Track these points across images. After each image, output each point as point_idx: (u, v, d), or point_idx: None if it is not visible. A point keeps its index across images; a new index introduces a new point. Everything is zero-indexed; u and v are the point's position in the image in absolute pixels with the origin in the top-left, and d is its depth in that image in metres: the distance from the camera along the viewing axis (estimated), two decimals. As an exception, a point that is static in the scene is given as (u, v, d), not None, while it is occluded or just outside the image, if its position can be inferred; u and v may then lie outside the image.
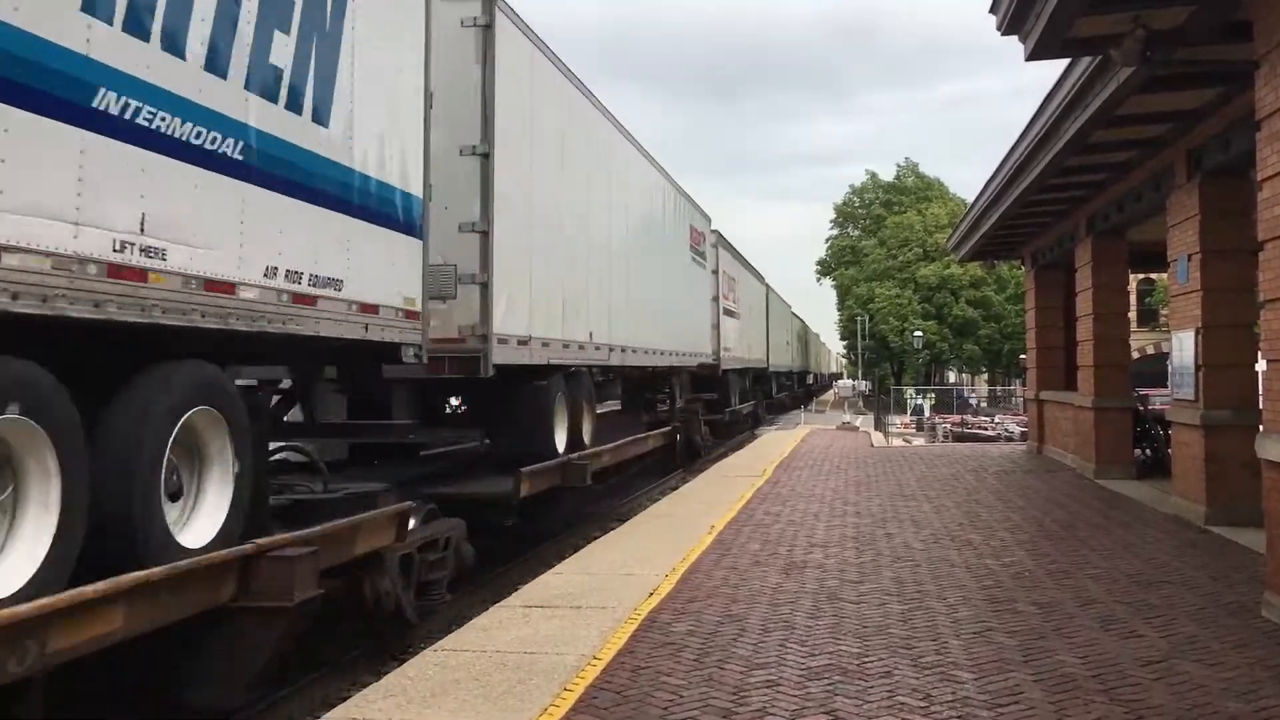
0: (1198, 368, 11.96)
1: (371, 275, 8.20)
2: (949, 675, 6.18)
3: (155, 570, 5.70)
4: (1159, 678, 6.09)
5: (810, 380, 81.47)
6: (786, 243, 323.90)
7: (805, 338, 71.80)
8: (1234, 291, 11.57)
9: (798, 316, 65.25)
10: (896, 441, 31.77)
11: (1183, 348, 12.46)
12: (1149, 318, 54.11)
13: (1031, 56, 8.84)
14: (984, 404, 59.78)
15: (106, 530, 5.57)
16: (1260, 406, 8.04)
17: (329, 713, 5.94)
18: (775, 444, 26.87)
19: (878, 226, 78.47)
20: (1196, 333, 11.96)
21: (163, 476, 5.98)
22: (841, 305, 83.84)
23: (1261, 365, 7.88)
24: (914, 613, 7.75)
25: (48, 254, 5.00)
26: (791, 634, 7.17)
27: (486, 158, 10.87)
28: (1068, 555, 10.05)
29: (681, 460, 23.33)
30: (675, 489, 18.46)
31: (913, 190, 79.62)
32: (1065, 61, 10.79)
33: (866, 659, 6.54)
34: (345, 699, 6.71)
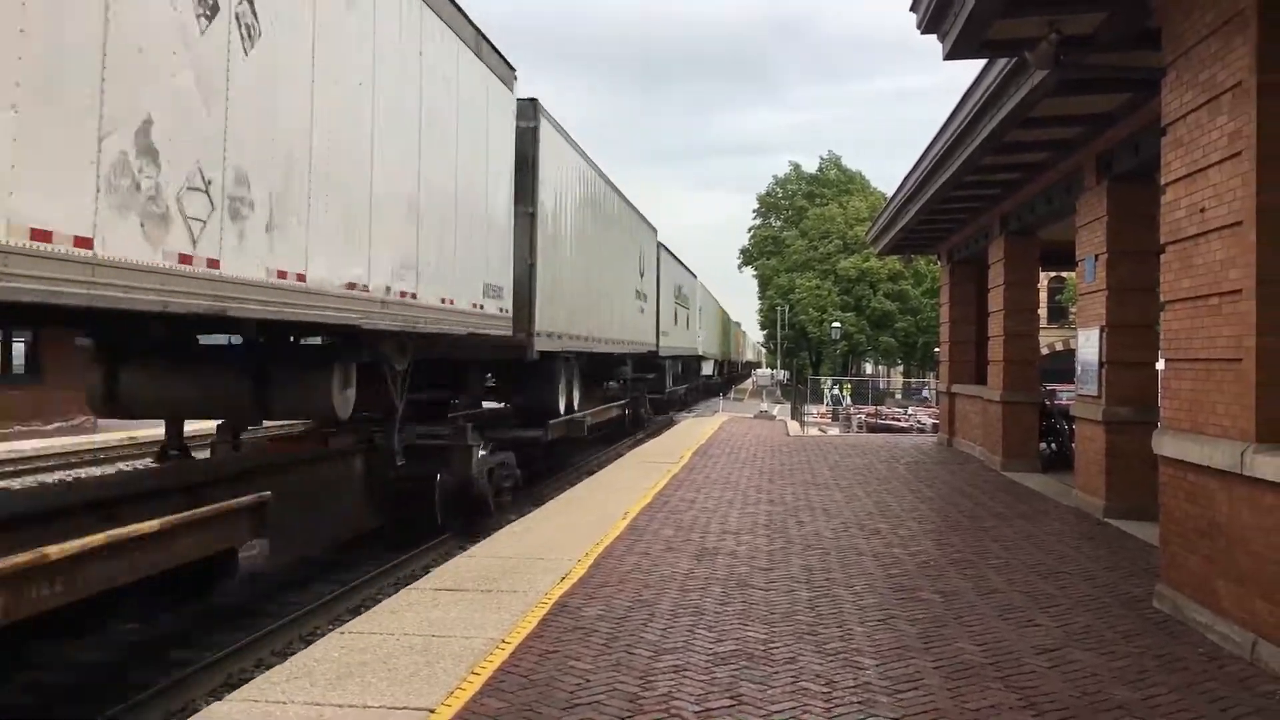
0: (1101, 365, 12.31)
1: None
2: (852, 661, 6.30)
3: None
4: (1053, 665, 6.28)
5: (711, 373, 59.24)
6: (712, 232, 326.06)
7: (723, 323, 71.81)
8: (1138, 291, 11.92)
9: (686, 269, 44.26)
10: (812, 431, 32.14)
11: (1088, 345, 12.81)
12: (1059, 315, 55.43)
13: (950, 55, 8.99)
14: (921, 393, 58.92)
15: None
16: (1159, 404, 8.31)
17: (232, 694, 5.86)
18: (693, 431, 27.04)
19: (800, 218, 79.26)
20: (1101, 331, 12.31)
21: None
22: (763, 295, 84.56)
23: (1161, 364, 8.13)
24: (821, 600, 7.88)
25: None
26: (700, 620, 7.23)
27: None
28: (971, 545, 10.29)
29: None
30: (592, 473, 18.48)
31: (834, 183, 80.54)
32: (983, 61, 11.00)
33: (773, 645, 6.63)
34: (249, 680, 6.62)
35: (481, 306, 13.50)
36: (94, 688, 7.91)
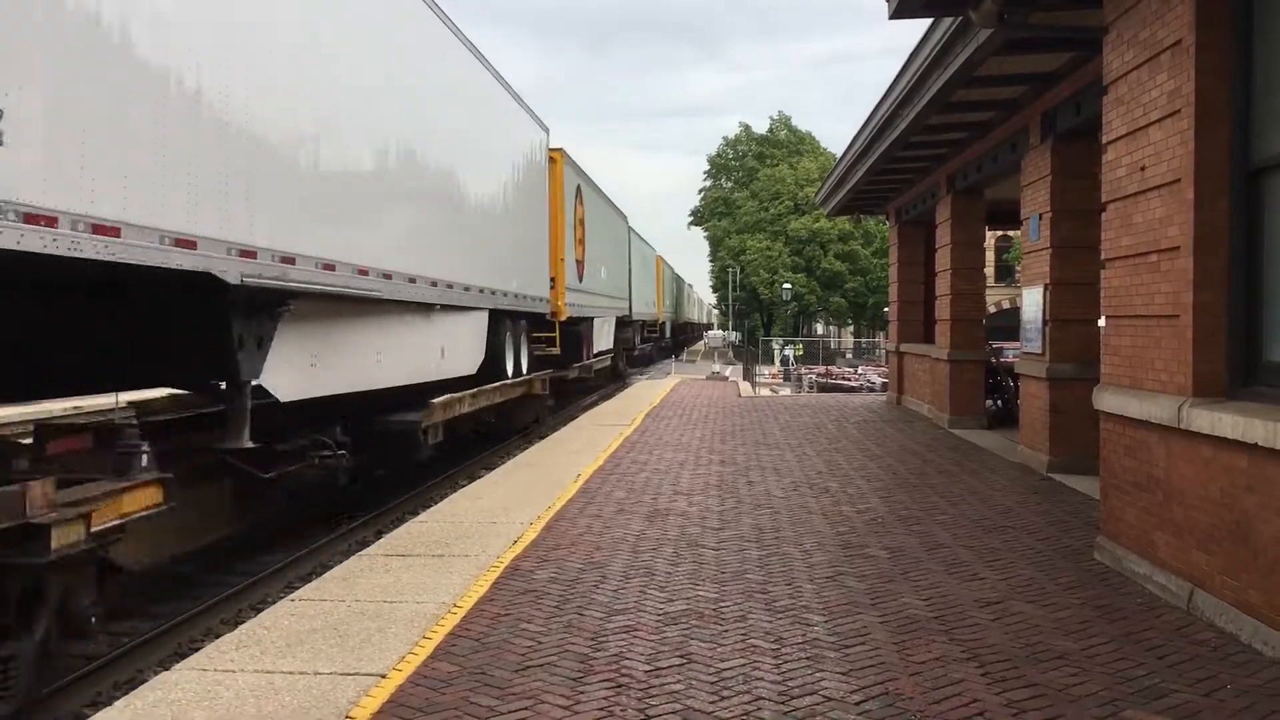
0: (1045, 322, 12.47)
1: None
2: (801, 618, 6.38)
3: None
4: (997, 618, 6.40)
5: (633, 340, 41.66)
6: (660, 194, 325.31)
7: (676, 286, 71.80)
8: (1081, 249, 12.05)
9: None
10: (764, 391, 32.32)
11: (1032, 303, 12.97)
12: (1006, 274, 55.94)
13: (895, 15, 9.01)
14: (871, 353, 59.62)
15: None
16: (1100, 360, 8.43)
17: (181, 663, 5.82)
18: (645, 393, 27.11)
19: (750, 179, 79.25)
20: (1045, 289, 12.46)
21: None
22: (714, 256, 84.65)
23: (1102, 321, 8.25)
24: (771, 558, 7.96)
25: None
26: (652, 580, 7.29)
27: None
28: (919, 502, 10.44)
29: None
30: (544, 437, 18.48)
31: (785, 144, 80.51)
32: (928, 21, 11.01)
33: (723, 604, 6.70)
34: (198, 649, 6.58)
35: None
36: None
